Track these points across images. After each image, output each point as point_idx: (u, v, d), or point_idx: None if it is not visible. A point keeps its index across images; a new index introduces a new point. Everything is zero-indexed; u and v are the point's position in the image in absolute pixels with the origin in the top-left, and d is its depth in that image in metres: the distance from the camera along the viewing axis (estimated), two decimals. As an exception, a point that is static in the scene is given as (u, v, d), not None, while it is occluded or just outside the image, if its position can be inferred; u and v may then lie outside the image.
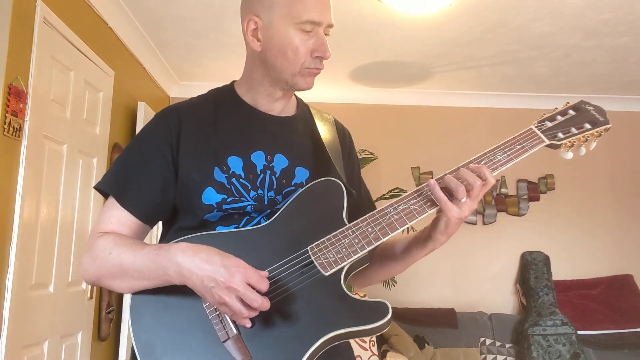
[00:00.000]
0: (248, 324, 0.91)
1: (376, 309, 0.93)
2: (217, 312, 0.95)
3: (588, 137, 1.10)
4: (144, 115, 3.43)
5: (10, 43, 2.08)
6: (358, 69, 3.99)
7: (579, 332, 3.91)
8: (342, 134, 1.25)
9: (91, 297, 2.83)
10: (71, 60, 2.59)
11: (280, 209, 1.05)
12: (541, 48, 3.55)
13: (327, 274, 0.95)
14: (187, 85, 4.38)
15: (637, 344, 3.87)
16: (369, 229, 0.98)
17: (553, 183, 4.46)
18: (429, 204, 0.99)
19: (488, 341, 3.90)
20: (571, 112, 1.12)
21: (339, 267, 0.96)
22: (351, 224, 1.00)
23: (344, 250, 0.96)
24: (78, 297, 2.71)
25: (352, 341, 1.16)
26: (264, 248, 0.99)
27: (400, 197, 1.01)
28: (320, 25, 1.06)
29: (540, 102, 4.52)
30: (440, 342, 3.82)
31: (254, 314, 0.90)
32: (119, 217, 1.05)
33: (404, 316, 3.88)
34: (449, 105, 4.49)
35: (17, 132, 2.14)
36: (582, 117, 1.11)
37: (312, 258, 0.96)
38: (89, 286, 2.80)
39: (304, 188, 1.07)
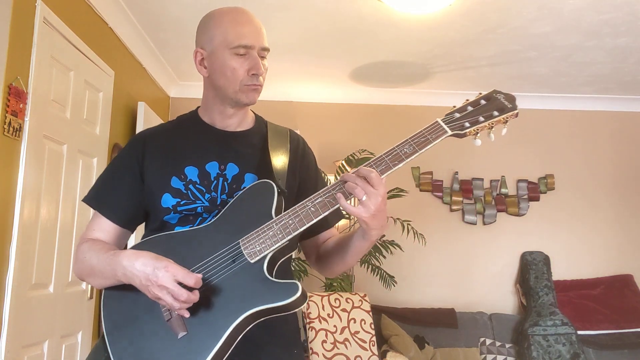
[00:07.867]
0: (186, 314, 1.10)
1: (288, 288, 1.09)
2: None
3: (493, 124, 1.18)
4: (144, 115, 3.43)
5: (10, 43, 2.08)
6: (358, 69, 4.00)
7: (579, 332, 3.91)
8: (296, 142, 1.40)
9: (91, 297, 2.83)
10: (71, 60, 2.60)
11: (224, 209, 1.23)
12: (541, 48, 3.55)
13: (252, 261, 1.12)
14: (187, 85, 4.38)
15: (637, 344, 3.87)
16: (290, 221, 1.13)
17: (553, 183, 4.46)
18: (339, 195, 1.12)
19: (488, 341, 3.90)
20: (482, 101, 1.22)
21: (262, 255, 1.12)
22: (276, 217, 1.15)
23: (268, 240, 1.13)
24: (78, 297, 2.71)
25: (352, 340, 1.25)
26: (208, 242, 1.18)
27: (319, 191, 1.14)
28: (252, 49, 1.25)
29: (540, 102, 4.52)
30: (440, 342, 3.81)
31: (185, 305, 1.08)
32: (100, 224, 1.29)
33: (404, 316, 3.88)
34: (449, 105, 4.46)
35: (17, 132, 2.14)
36: (491, 105, 1.20)
37: (242, 249, 1.14)
38: (89, 286, 2.80)
39: (243, 190, 1.24)
